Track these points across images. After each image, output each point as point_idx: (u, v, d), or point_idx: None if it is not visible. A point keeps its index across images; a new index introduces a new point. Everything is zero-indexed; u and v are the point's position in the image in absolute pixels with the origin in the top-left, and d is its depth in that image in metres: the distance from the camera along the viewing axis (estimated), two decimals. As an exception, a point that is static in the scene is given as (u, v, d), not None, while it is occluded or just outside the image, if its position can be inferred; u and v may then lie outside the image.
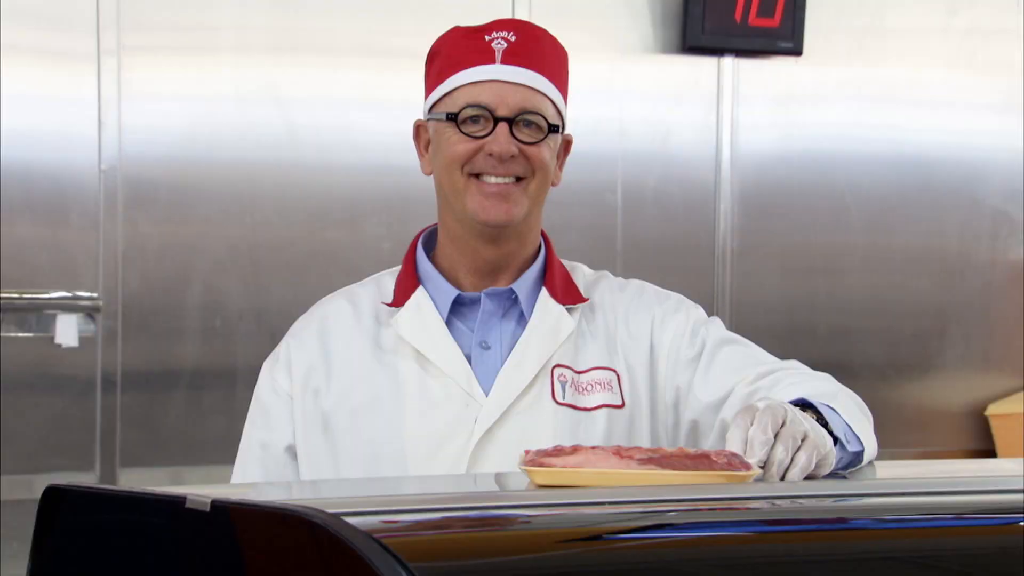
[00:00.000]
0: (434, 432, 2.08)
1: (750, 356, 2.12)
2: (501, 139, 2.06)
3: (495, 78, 2.08)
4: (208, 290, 4.35)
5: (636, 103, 4.76)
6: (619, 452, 1.60)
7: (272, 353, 2.21)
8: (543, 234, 2.21)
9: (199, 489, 1.46)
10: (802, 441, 1.69)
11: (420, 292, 2.15)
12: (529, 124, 2.09)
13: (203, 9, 4.33)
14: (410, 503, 1.58)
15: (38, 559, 1.57)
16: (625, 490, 1.55)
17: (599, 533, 1.39)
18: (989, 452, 5.04)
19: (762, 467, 1.67)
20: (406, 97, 2.23)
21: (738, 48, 4.77)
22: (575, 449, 1.61)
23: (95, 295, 4.24)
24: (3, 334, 4.16)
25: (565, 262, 2.23)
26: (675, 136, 4.80)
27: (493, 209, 2.08)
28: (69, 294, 4.22)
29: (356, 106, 4.45)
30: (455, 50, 2.12)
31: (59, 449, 4.24)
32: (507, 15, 4.51)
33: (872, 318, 5.00)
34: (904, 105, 5.03)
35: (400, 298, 2.15)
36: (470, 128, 2.08)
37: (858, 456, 1.85)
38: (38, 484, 3.97)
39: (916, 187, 5.04)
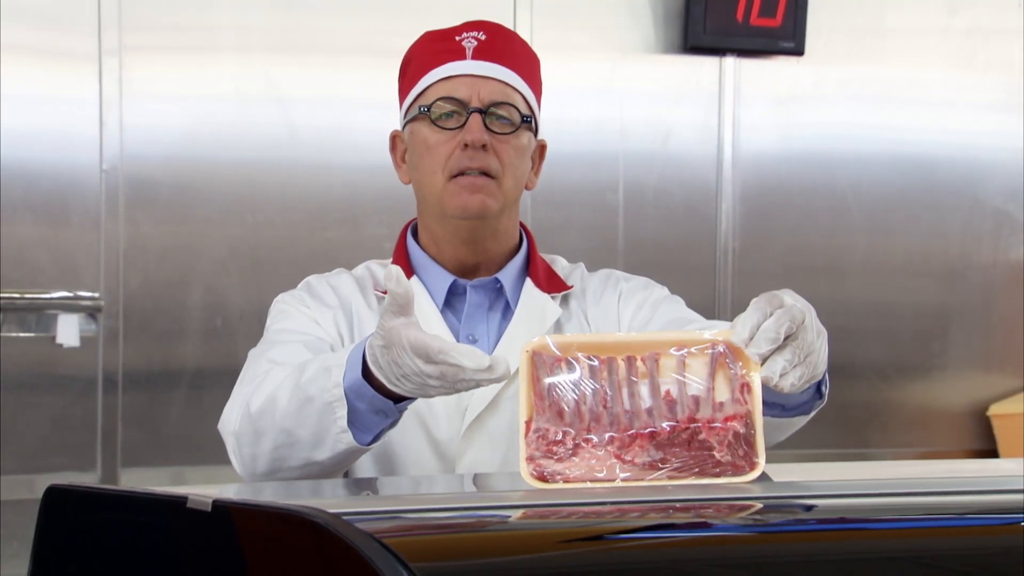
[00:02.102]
0: (426, 420, 2.10)
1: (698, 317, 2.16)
2: (474, 128, 2.09)
3: (466, 72, 2.11)
4: (209, 290, 4.34)
5: (637, 103, 4.75)
6: (620, 456, 1.60)
7: (280, 296, 2.21)
8: (525, 229, 2.24)
9: (200, 489, 1.46)
10: (805, 357, 1.68)
11: (414, 281, 2.16)
12: (501, 117, 2.11)
13: (204, 9, 4.33)
14: (412, 503, 1.58)
15: (39, 559, 1.57)
16: (627, 489, 1.55)
17: (600, 533, 1.39)
18: (991, 452, 5.04)
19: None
20: (407, 97, 2.25)
21: (740, 48, 4.76)
22: (576, 450, 1.60)
23: (96, 295, 4.24)
24: (4, 334, 4.16)
25: (544, 255, 2.27)
26: (676, 136, 4.80)
27: (469, 199, 2.11)
28: (70, 294, 4.22)
29: (357, 106, 4.45)
30: (426, 54, 2.15)
31: (60, 449, 4.23)
32: (508, 15, 4.51)
33: (873, 318, 5.00)
34: (905, 105, 5.03)
35: None
36: (444, 122, 2.11)
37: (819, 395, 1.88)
38: (39, 484, 3.97)
39: (917, 187, 5.04)
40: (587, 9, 4.68)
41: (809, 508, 1.55)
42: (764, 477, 1.62)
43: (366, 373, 1.76)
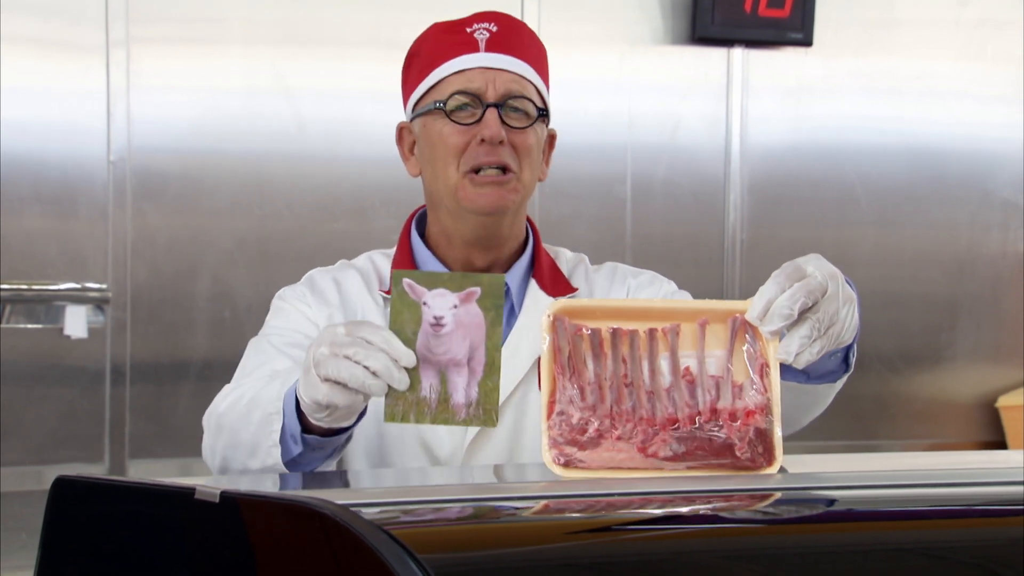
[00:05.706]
0: (427, 438, 2.08)
1: None
2: (492, 124, 2.06)
3: (481, 65, 2.08)
4: (217, 281, 4.35)
5: (645, 94, 4.75)
6: (644, 448, 1.60)
7: (282, 291, 2.21)
8: (530, 222, 2.22)
9: (208, 480, 1.46)
10: (826, 330, 1.66)
11: None
12: (517, 110, 2.09)
13: (212, 1, 4.33)
14: (420, 494, 1.57)
15: (47, 550, 1.57)
16: (642, 481, 1.55)
17: (613, 524, 1.39)
18: (999, 444, 5.03)
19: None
20: (415, 88, 2.23)
21: (748, 39, 4.76)
22: (599, 440, 1.60)
23: (104, 286, 4.24)
24: (12, 325, 4.16)
25: (548, 248, 2.24)
26: (684, 127, 4.79)
27: (486, 196, 2.08)
28: (78, 285, 4.22)
29: (365, 97, 4.45)
30: (437, 46, 2.12)
31: (68, 440, 4.24)
32: (516, 6, 4.50)
33: (882, 310, 4.99)
34: (914, 97, 5.02)
35: None
36: (460, 116, 2.08)
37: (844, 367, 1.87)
38: (47, 475, 3.97)
39: (926, 179, 5.03)
40: (595, 0, 4.67)
41: (828, 500, 1.55)
42: (781, 470, 1.62)
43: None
